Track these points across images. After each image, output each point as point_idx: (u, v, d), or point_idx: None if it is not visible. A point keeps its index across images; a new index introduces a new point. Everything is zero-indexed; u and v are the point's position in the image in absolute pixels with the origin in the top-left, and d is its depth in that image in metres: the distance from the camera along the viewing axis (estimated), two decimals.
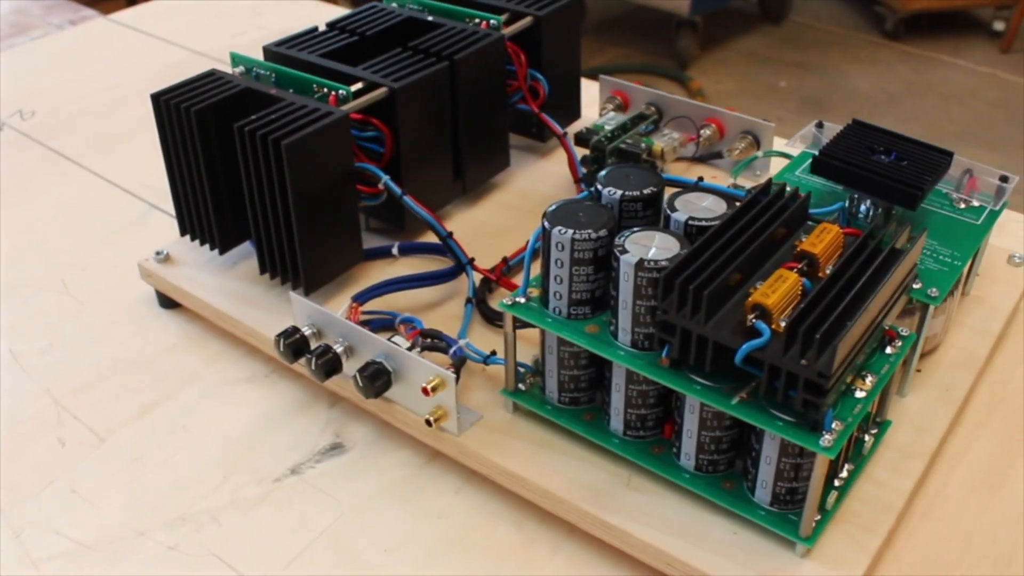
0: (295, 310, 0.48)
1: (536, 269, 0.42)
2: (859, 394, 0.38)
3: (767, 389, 0.36)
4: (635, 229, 0.40)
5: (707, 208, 0.41)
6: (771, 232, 0.39)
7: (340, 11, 0.96)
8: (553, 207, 0.41)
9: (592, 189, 0.43)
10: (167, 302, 0.57)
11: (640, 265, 0.38)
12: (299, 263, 0.50)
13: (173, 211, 0.65)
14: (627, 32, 2.48)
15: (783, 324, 0.36)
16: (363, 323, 0.49)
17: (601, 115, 0.65)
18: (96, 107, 0.80)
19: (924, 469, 0.43)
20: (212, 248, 0.54)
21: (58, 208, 0.67)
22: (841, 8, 2.64)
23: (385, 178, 0.51)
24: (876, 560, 0.39)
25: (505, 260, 0.53)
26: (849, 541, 0.39)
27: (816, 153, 0.52)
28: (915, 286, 0.43)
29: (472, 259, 0.52)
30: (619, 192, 0.42)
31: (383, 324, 0.50)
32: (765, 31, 2.56)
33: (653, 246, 0.39)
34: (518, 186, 0.63)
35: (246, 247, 0.56)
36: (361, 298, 0.49)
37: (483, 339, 0.49)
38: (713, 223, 0.40)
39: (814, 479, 0.37)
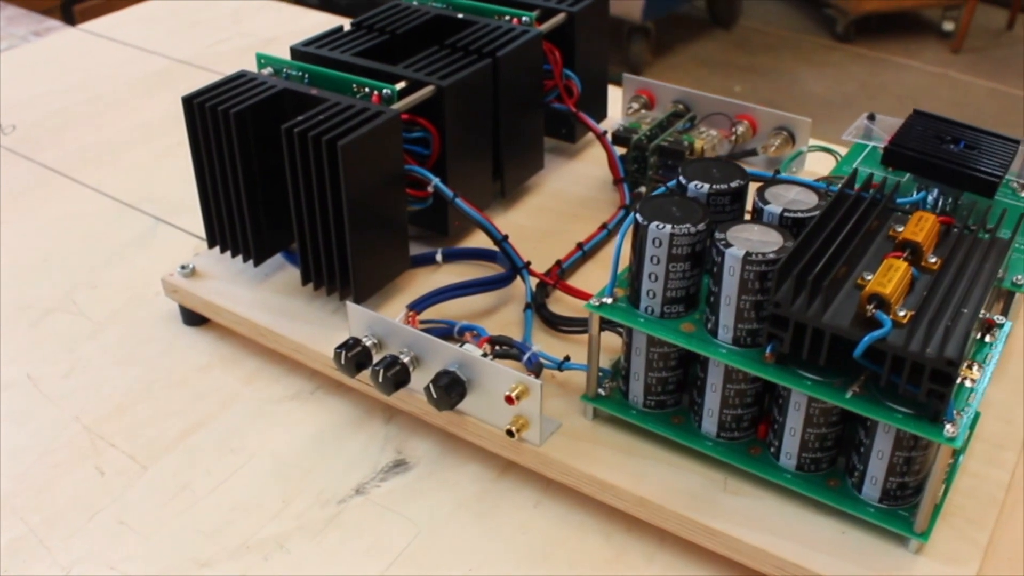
0: (351, 321, 0.46)
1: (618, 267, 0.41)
2: (968, 383, 0.38)
3: (887, 380, 0.36)
4: (731, 223, 0.39)
5: (797, 200, 0.41)
6: (870, 224, 0.39)
7: (321, 16, 0.95)
8: (642, 202, 0.40)
9: (673, 183, 0.42)
10: (193, 319, 0.55)
11: (747, 258, 0.37)
12: (350, 272, 0.48)
13: (181, 225, 0.63)
14: None
15: (900, 313, 0.36)
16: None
17: (628, 114, 0.65)
18: (81, 119, 0.77)
19: (1016, 460, 0.43)
20: (246, 259, 0.52)
21: (57, 224, 0.65)
22: (790, 11, 2.70)
23: (435, 180, 0.50)
24: (986, 554, 0.39)
25: (559, 263, 0.52)
26: (958, 535, 0.39)
27: (870, 144, 0.52)
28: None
29: (528, 263, 0.51)
30: (707, 186, 0.41)
31: (441, 333, 0.48)
32: (716, 36, 2.60)
33: (755, 239, 0.38)
34: (552, 188, 0.62)
35: (275, 260, 0.54)
36: (418, 306, 0.48)
37: (545, 345, 0.48)
38: (811, 215, 0.40)
39: (934, 472, 0.37)
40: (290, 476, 0.46)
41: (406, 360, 0.44)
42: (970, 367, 0.38)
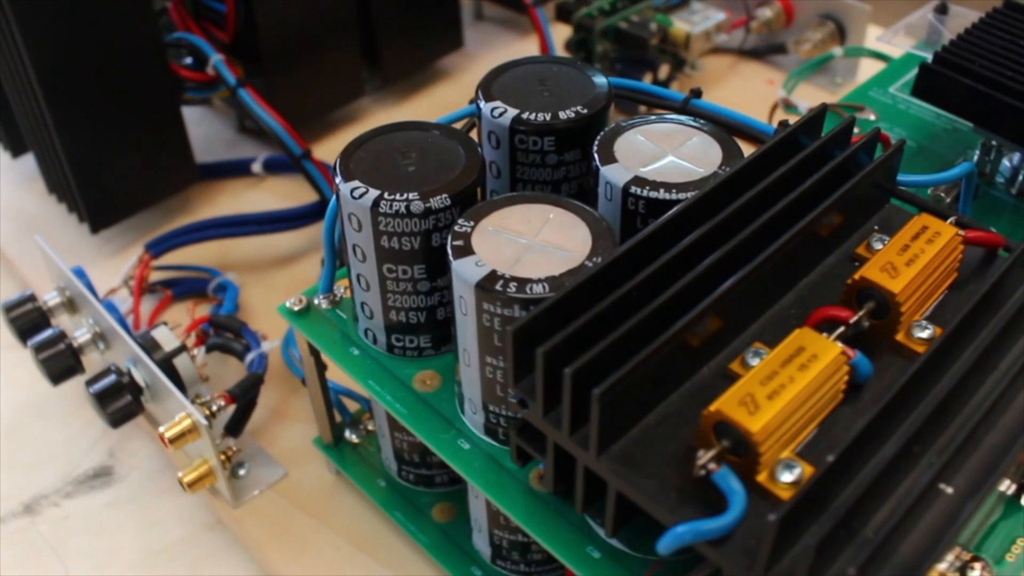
0: (47, 265, 0.28)
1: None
2: None
3: None
4: (517, 196, 0.17)
5: (680, 162, 0.19)
6: (805, 226, 0.16)
7: None
8: (359, 140, 0.19)
9: (475, 104, 0.21)
10: None
11: (485, 289, 0.16)
12: (71, 184, 0.29)
13: None
14: None
15: (784, 477, 0.14)
16: (162, 285, 0.29)
17: None
18: None
19: None
20: (4, 148, 0.34)
21: None
22: None
23: (215, 58, 0.29)
24: None
25: None
26: None
27: (928, 57, 0.27)
28: None
29: None
30: (510, 112, 0.19)
31: (193, 288, 0.29)
32: None
33: (536, 241, 0.16)
34: (475, 78, 0.40)
35: None
36: (157, 247, 0.29)
37: None
38: (680, 197, 0.17)
39: None
40: None
41: (82, 340, 0.26)
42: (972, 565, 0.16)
